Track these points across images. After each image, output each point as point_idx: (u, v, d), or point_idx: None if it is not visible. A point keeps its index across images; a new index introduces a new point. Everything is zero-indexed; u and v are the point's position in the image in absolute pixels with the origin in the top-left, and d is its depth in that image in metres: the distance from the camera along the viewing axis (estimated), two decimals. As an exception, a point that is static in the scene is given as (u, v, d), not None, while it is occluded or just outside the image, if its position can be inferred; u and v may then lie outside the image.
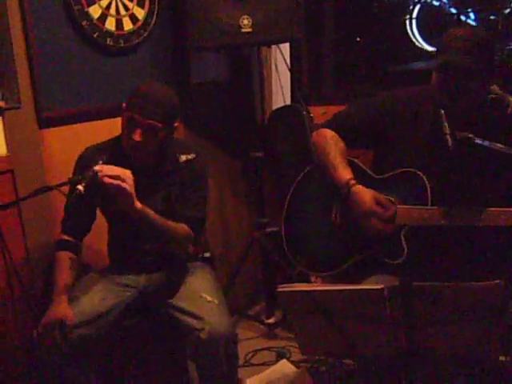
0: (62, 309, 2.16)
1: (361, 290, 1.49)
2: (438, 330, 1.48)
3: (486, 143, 1.90)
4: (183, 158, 2.34)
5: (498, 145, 1.89)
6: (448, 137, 1.90)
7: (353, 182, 2.17)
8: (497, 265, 2.07)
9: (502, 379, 1.86)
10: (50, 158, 2.56)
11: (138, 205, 2.09)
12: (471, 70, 1.95)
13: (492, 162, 2.00)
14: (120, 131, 2.27)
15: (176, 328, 2.27)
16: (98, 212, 2.40)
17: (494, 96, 2.06)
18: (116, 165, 2.08)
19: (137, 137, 2.15)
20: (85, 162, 2.26)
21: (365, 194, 2.14)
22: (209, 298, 2.26)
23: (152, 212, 2.16)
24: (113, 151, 2.29)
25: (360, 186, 2.16)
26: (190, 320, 2.20)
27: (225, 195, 3.51)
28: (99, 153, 2.29)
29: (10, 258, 2.12)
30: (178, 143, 2.39)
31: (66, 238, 2.33)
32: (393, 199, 2.15)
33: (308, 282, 3.02)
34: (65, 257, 2.30)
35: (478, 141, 1.90)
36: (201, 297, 2.27)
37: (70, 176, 2.17)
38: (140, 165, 2.27)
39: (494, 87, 2.08)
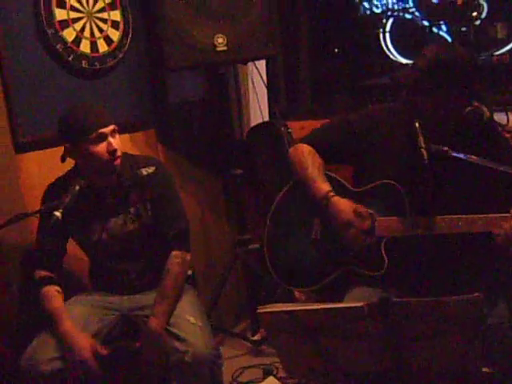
0: (84, 339, 2.15)
1: (341, 308, 1.49)
2: (419, 345, 1.48)
3: (462, 155, 1.91)
4: (143, 172, 2.34)
5: (473, 157, 1.91)
6: (423, 150, 1.92)
7: (332, 193, 2.18)
8: (477, 275, 2.08)
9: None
10: (28, 182, 2.54)
11: (159, 329, 2.18)
12: (428, 91, 1.98)
13: (468, 173, 2.01)
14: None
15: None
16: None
17: (470, 109, 2.07)
18: (87, 192, 2.17)
19: (115, 145, 2.18)
20: (56, 192, 2.23)
21: (344, 205, 2.14)
22: (192, 320, 2.25)
23: (165, 313, 2.23)
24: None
25: (339, 197, 2.17)
26: (173, 342, 2.18)
27: (206, 213, 3.51)
28: (68, 181, 2.23)
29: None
30: (136, 158, 2.40)
31: (44, 273, 2.29)
32: (372, 212, 2.16)
33: (292, 297, 3.02)
34: (52, 290, 2.27)
35: (454, 153, 1.92)
36: (184, 319, 2.25)
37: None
38: (103, 185, 2.29)
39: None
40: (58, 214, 1.95)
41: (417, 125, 1.99)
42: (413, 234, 2.05)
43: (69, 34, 2.66)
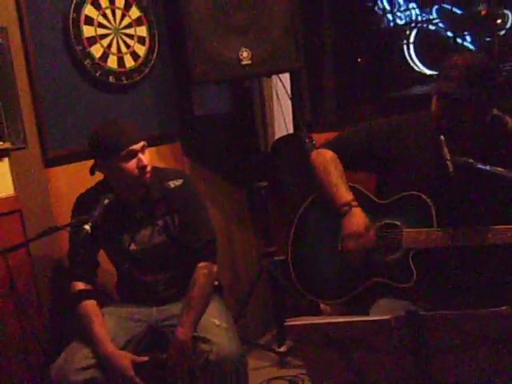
0: (126, 359, 2.18)
1: (368, 321, 1.49)
2: (447, 359, 1.47)
3: (487, 167, 1.90)
4: (171, 184, 2.37)
5: (499, 168, 1.90)
6: (448, 162, 1.92)
7: (355, 203, 2.19)
8: (507, 287, 2.06)
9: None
10: (58, 196, 2.59)
11: (186, 338, 2.20)
12: (469, 100, 1.97)
13: (493, 184, 2.00)
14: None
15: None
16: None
17: (491, 116, 2.07)
18: (116, 204, 2.21)
19: (145, 161, 2.21)
20: (86, 204, 2.26)
21: (360, 218, 2.17)
22: (217, 322, 2.28)
23: (192, 323, 2.24)
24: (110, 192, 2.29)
25: (360, 209, 2.19)
26: (198, 344, 2.21)
27: (231, 225, 3.53)
28: (98, 193, 2.26)
29: (21, 299, 2.13)
30: (164, 171, 2.43)
31: (82, 286, 2.31)
32: (398, 223, 2.16)
33: (318, 309, 3.02)
34: (93, 306, 2.28)
35: (479, 165, 1.91)
36: (210, 322, 2.28)
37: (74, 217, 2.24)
38: (131, 198, 2.32)
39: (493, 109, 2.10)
40: (87, 227, 1.98)
41: (442, 137, 1.99)
42: (440, 246, 2.05)
43: (96, 50, 2.72)
